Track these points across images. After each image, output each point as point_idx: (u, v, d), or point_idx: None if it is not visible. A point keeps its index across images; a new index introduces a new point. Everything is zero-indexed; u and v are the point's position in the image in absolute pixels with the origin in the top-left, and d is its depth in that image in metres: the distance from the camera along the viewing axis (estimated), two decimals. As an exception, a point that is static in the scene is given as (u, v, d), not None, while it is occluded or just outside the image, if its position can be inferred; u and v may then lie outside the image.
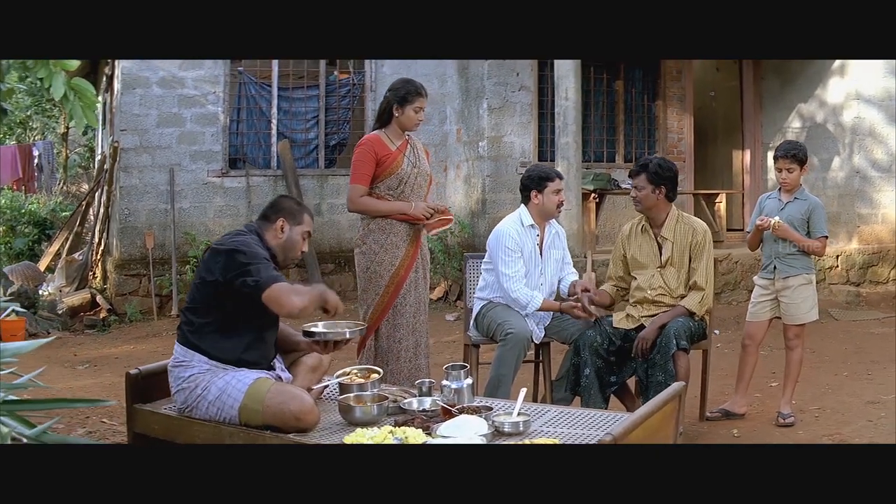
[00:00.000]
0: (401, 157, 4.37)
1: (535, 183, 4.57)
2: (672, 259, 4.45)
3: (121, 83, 8.99)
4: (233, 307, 3.26)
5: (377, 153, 4.33)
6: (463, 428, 3.08)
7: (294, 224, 3.46)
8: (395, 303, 4.35)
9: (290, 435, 3.16)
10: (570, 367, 4.46)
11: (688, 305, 4.38)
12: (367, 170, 4.32)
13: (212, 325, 3.29)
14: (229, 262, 3.20)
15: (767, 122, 10.20)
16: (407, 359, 4.35)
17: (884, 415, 4.85)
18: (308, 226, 3.50)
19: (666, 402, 3.16)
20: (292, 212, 3.47)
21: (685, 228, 4.48)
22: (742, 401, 4.90)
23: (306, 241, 3.52)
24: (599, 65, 9.99)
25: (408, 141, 4.46)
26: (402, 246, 4.36)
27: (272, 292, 3.11)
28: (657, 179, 4.41)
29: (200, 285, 3.32)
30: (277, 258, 3.43)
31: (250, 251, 3.22)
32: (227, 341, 3.29)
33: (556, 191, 4.56)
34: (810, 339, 7.08)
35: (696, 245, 4.44)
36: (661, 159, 4.54)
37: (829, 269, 8.87)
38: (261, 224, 3.47)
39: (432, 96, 9.99)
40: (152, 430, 3.52)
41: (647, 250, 4.53)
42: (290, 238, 3.45)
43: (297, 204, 3.56)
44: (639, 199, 4.48)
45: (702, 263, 4.42)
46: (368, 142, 4.39)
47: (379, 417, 3.29)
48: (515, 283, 4.46)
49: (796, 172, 4.73)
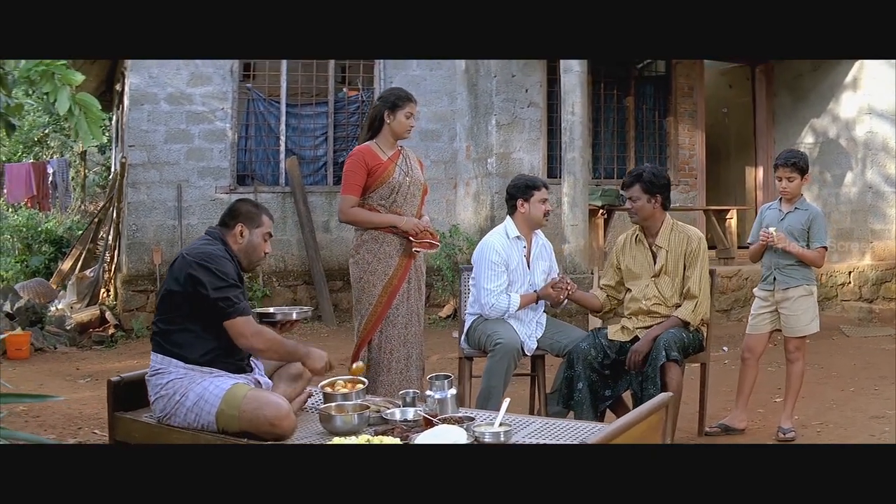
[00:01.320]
0: (392, 167, 4.34)
1: (521, 192, 4.52)
2: (666, 267, 4.38)
3: (129, 99, 9.05)
4: (202, 313, 3.27)
5: (368, 163, 4.31)
6: (441, 438, 3.03)
7: (253, 227, 3.48)
8: (389, 314, 4.31)
9: (266, 443, 3.13)
10: (564, 380, 4.38)
11: (681, 315, 4.29)
12: (358, 180, 4.30)
13: (184, 331, 3.30)
14: (206, 278, 3.23)
15: (780, 138, 10.10)
16: (398, 370, 4.30)
17: (887, 430, 4.72)
18: (267, 227, 3.53)
19: (650, 412, 3.09)
20: (250, 215, 3.49)
21: (680, 236, 4.40)
22: (742, 415, 4.79)
23: (268, 242, 3.55)
24: (610, 80, 9.95)
25: (400, 151, 4.44)
26: (396, 256, 4.33)
27: (236, 325, 3.24)
28: (652, 188, 4.35)
29: (170, 294, 3.32)
30: (241, 261, 3.47)
31: (224, 271, 3.27)
32: (201, 345, 3.29)
33: (542, 199, 4.51)
34: (819, 356, 6.97)
35: (691, 253, 4.36)
36: (653, 167, 4.47)
37: (841, 286, 8.73)
38: (221, 230, 3.49)
39: (442, 113, 10.07)
40: (133, 437, 3.51)
41: (642, 260, 4.46)
42: (251, 242, 3.48)
43: (254, 206, 3.56)
44: (635, 211, 4.41)
45: (696, 271, 4.33)
46: (359, 152, 4.37)
47: (359, 427, 3.24)
48: (495, 297, 4.41)
49: (797, 182, 4.64)
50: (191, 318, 3.28)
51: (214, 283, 3.22)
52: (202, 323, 3.28)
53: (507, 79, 9.26)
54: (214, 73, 9.17)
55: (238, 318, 3.23)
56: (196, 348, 3.29)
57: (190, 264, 3.26)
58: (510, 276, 4.48)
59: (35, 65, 5.95)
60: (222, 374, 3.29)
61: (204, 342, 3.29)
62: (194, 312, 3.27)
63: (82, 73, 11.51)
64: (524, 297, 4.45)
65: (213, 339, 3.29)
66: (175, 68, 9.05)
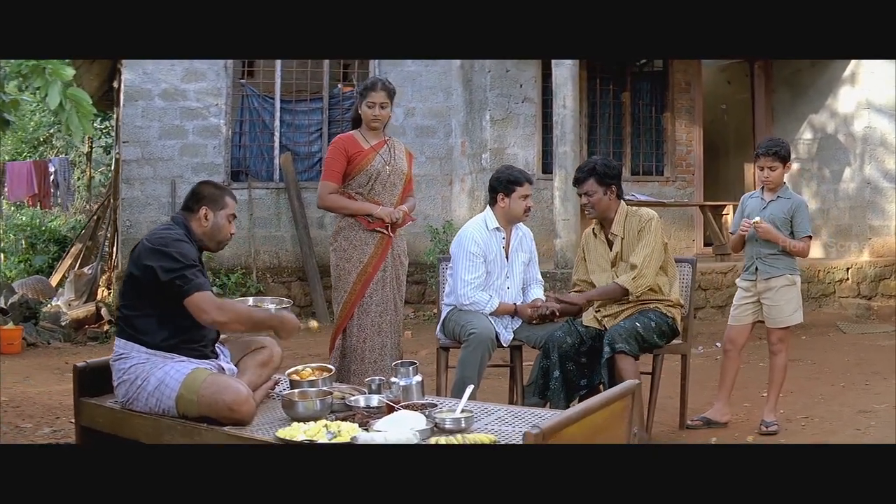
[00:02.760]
0: (373, 155, 4.35)
1: (502, 186, 4.49)
2: (622, 254, 4.32)
3: (124, 95, 9.06)
4: (164, 298, 3.25)
5: (347, 150, 4.35)
6: (400, 423, 2.99)
7: (217, 210, 3.47)
8: (362, 301, 4.30)
9: (225, 428, 3.11)
10: (539, 370, 4.33)
11: (620, 282, 4.20)
12: (338, 167, 4.33)
13: (147, 316, 3.29)
14: (160, 263, 3.22)
15: (779, 134, 9.98)
16: (372, 359, 4.28)
17: (874, 423, 4.65)
18: (231, 208, 3.51)
19: (612, 400, 3.02)
20: (214, 198, 3.48)
21: (632, 220, 4.33)
22: (725, 409, 4.73)
23: (233, 223, 3.53)
24: (606, 76, 9.89)
25: (386, 141, 4.43)
26: (371, 244, 4.34)
27: (195, 300, 3.20)
28: (606, 180, 4.29)
29: (130, 280, 3.32)
30: (208, 245, 3.47)
31: (181, 252, 3.25)
32: (163, 329, 3.28)
33: (523, 196, 4.46)
34: (813, 352, 6.90)
35: (641, 231, 4.27)
36: (603, 159, 4.42)
37: (839, 283, 8.63)
38: (185, 214, 3.47)
39: (437, 109, 10.03)
40: (97, 423, 3.52)
41: (601, 253, 4.41)
42: (215, 224, 3.47)
43: (217, 189, 3.54)
44: (592, 206, 4.35)
45: (642, 244, 4.24)
46: (340, 140, 4.43)
47: (322, 413, 3.21)
48: (472, 289, 4.38)
49: (779, 170, 4.57)
50: (152, 303, 3.27)
51: (168, 265, 3.20)
52: (163, 308, 3.26)
53: (501, 74, 9.22)
54: (209, 69, 9.17)
55: (195, 294, 3.19)
56: (157, 333, 3.27)
57: (146, 250, 3.26)
58: (488, 266, 4.44)
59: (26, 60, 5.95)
60: (184, 360, 3.28)
61: (165, 327, 3.27)
62: (155, 298, 3.26)
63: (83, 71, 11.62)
64: (503, 306, 4.41)
65: (175, 325, 3.27)
66: (169, 65, 9.05)
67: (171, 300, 3.22)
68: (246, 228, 9.22)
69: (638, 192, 9.17)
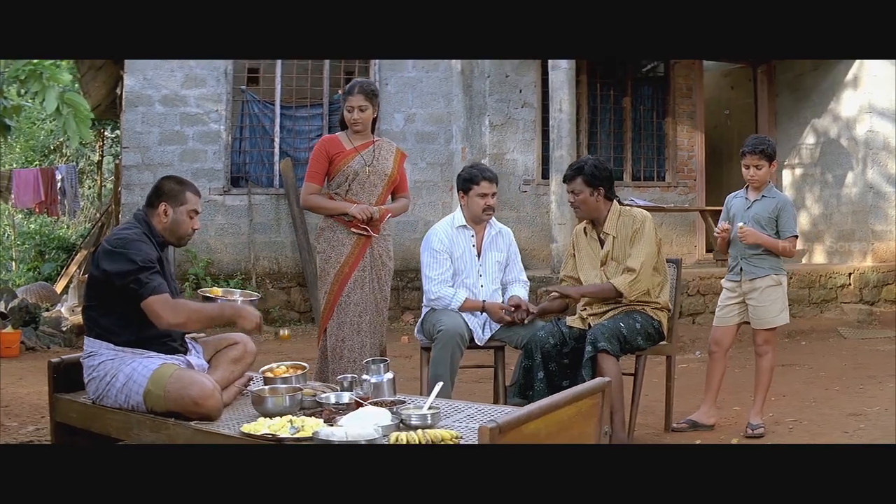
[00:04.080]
0: (353, 156, 4.36)
1: (461, 184, 4.49)
2: (613, 253, 4.27)
3: (124, 101, 9.10)
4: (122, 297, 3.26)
5: (328, 151, 4.39)
6: (365, 419, 2.98)
7: (177, 206, 3.47)
8: (340, 301, 4.32)
9: (192, 422, 3.11)
10: (522, 371, 4.29)
11: (616, 284, 4.15)
12: (319, 168, 4.37)
13: (110, 315, 3.30)
14: (116, 266, 3.22)
15: (782, 139, 9.96)
16: (351, 359, 4.27)
17: (863, 426, 4.59)
18: (192, 204, 3.50)
19: (580, 396, 2.99)
20: (174, 193, 3.48)
21: (626, 220, 4.28)
22: (711, 411, 4.68)
23: (195, 219, 3.52)
24: (607, 82, 9.87)
25: (373, 142, 4.44)
26: (349, 244, 4.36)
27: (150, 303, 3.19)
28: (594, 181, 4.25)
29: (94, 280, 3.34)
30: (169, 240, 3.48)
31: (138, 253, 3.24)
32: (128, 327, 3.29)
33: (481, 194, 4.42)
34: (812, 356, 6.83)
35: (635, 233, 4.22)
36: (594, 159, 4.36)
37: (840, 288, 8.55)
38: (147, 210, 3.48)
39: (438, 115, 10.02)
40: (71, 418, 3.57)
41: (592, 251, 4.37)
42: (175, 220, 3.46)
43: (178, 184, 3.53)
44: (577, 205, 4.32)
45: (637, 248, 4.19)
46: (322, 141, 4.49)
47: (291, 409, 3.20)
48: (437, 285, 4.38)
49: (764, 169, 4.52)
50: (115, 302, 3.28)
51: (123, 268, 3.21)
52: (125, 307, 3.27)
53: (500, 79, 9.22)
54: (209, 75, 9.19)
55: (150, 298, 3.19)
56: (123, 331, 3.29)
57: (104, 252, 3.28)
58: (456, 264, 4.44)
59: (24, 64, 5.99)
60: (152, 356, 3.29)
61: (130, 325, 3.29)
62: (117, 298, 3.27)
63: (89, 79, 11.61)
64: (469, 302, 4.38)
65: (139, 323, 3.28)
66: (169, 70, 9.09)
67: (132, 300, 3.23)
68: (246, 234, 9.24)
69: (639, 197, 9.14)
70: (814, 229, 9.48)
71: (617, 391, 4.01)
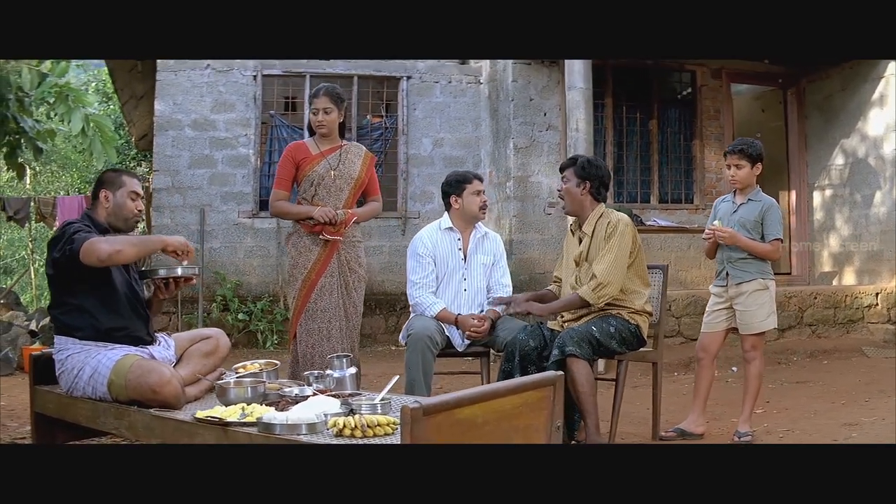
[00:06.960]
0: (318, 161, 4.43)
1: (452, 188, 4.55)
2: (587, 254, 4.26)
3: (155, 125, 9.41)
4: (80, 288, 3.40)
5: (294, 157, 4.47)
6: (313, 407, 3.05)
7: (115, 190, 3.61)
8: (307, 307, 4.37)
9: (151, 410, 3.21)
10: (502, 374, 4.30)
11: (582, 293, 4.14)
12: (286, 174, 4.46)
13: (73, 310, 3.44)
14: (53, 247, 3.38)
15: (812, 161, 9.83)
16: (322, 365, 4.31)
17: (855, 435, 4.48)
18: (130, 186, 3.62)
19: (525, 387, 2.96)
20: (111, 180, 3.64)
21: (604, 221, 4.26)
22: (700, 419, 4.62)
23: (137, 201, 3.63)
24: (633, 105, 9.88)
25: (341, 146, 4.52)
26: (315, 250, 4.42)
27: (84, 248, 3.24)
28: (583, 174, 4.27)
29: (49, 279, 3.50)
30: (117, 225, 3.60)
31: (70, 230, 3.36)
32: (89, 320, 3.42)
33: (475, 192, 4.51)
34: (830, 374, 6.68)
35: (608, 236, 4.19)
36: (594, 158, 4.40)
37: (867, 308, 8.35)
38: (92, 205, 3.64)
39: (466, 139, 10.14)
40: (48, 409, 3.70)
41: (572, 250, 4.38)
42: (116, 203, 3.60)
43: (114, 172, 3.72)
44: (562, 195, 4.35)
45: (606, 252, 4.16)
46: (289, 147, 4.56)
47: (253, 400, 3.26)
48: (419, 289, 4.43)
49: (746, 169, 4.51)
50: (72, 296, 3.42)
51: (57, 245, 3.35)
52: (83, 300, 3.41)
53: (524, 102, 9.30)
54: (238, 100, 9.46)
55: (84, 244, 3.24)
56: (86, 325, 3.42)
57: (48, 247, 3.45)
58: (440, 268, 4.49)
59: (50, 87, 6.27)
60: (116, 347, 3.40)
61: (91, 318, 3.42)
62: (72, 289, 3.41)
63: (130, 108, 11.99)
64: (443, 314, 4.40)
65: (98, 315, 3.41)
66: (199, 95, 9.37)
67: (83, 283, 3.36)
68: (274, 256, 9.41)
69: (664, 219, 9.09)
70: (843, 250, 9.30)
71: (588, 394, 4.00)
